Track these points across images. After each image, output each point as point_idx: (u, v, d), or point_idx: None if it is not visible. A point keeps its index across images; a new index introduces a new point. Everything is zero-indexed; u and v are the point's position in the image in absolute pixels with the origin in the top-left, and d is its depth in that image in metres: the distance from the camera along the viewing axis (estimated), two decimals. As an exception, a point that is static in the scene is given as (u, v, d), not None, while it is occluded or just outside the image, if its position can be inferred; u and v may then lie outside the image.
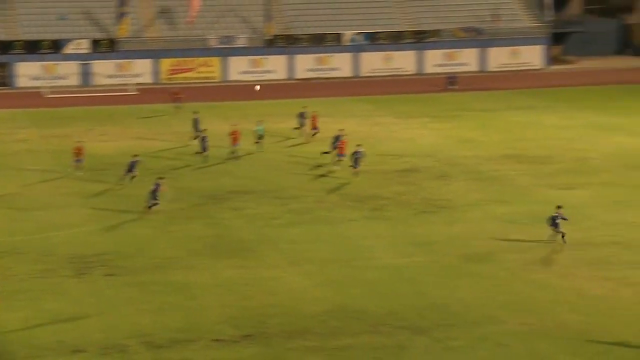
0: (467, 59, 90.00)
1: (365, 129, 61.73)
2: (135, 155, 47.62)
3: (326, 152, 51.56)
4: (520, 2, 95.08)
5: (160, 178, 42.66)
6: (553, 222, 36.31)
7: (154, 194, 41.56)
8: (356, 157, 47.82)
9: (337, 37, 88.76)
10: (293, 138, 57.99)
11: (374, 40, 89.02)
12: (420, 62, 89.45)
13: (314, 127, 57.45)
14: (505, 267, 34.31)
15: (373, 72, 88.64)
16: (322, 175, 48.83)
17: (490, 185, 46.39)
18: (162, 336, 28.23)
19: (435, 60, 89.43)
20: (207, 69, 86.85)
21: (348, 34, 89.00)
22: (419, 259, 35.46)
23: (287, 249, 37.04)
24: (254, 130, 54.69)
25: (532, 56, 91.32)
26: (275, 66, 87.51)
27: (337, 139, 50.70)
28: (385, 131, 61.19)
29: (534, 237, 37.58)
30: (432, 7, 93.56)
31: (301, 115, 58.77)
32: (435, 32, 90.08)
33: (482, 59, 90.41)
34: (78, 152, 49.51)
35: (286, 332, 28.81)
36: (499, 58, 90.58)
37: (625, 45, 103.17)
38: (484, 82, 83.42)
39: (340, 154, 49.50)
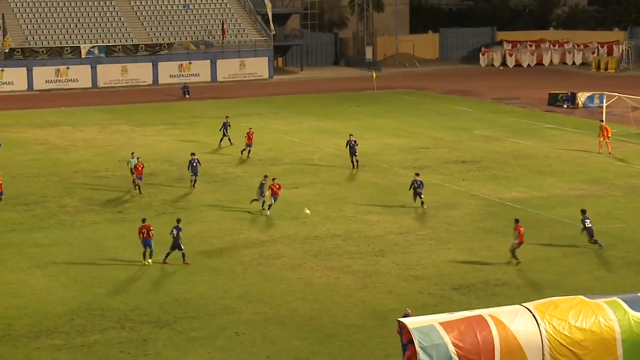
0: (198, 70, 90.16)
1: (105, 137, 60.71)
2: None
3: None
4: (246, 17, 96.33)
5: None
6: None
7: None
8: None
9: (75, 49, 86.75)
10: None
11: (110, 53, 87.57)
12: (155, 73, 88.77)
13: (249, 144, 53.30)
14: (240, 262, 34.61)
15: (110, 83, 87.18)
16: (64, 181, 47.54)
17: (224, 186, 46.66)
18: None
19: (169, 72, 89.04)
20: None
21: (85, 47, 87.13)
22: (160, 257, 35.14)
23: (31, 253, 35.76)
24: (127, 162, 46.74)
25: (259, 67, 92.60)
26: (13, 78, 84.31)
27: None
28: (124, 138, 60.33)
29: (266, 233, 38.15)
30: (165, 21, 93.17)
31: (224, 126, 56.48)
32: (169, 45, 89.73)
33: (213, 70, 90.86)
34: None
35: (33, 333, 27.86)
36: (228, 69, 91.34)
37: (340, 57, 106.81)
38: (215, 91, 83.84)
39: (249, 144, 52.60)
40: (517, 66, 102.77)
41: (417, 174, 42.43)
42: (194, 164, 45.57)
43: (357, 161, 49.83)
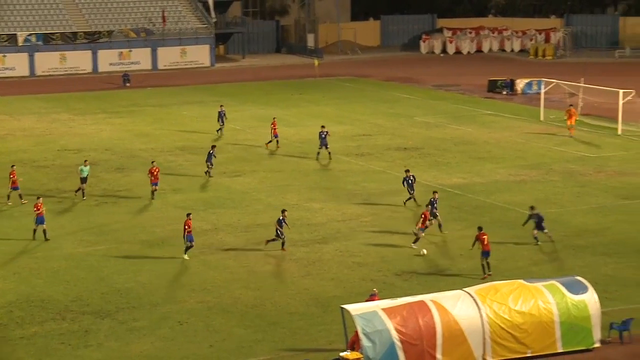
0: (139, 58, 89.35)
1: (43, 126, 59.93)
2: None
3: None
4: (186, 4, 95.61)
5: None
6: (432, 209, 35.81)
7: None
8: None
9: (11, 37, 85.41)
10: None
11: (48, 41, 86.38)
12: (94, 61, 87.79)
13: (275, 135, 52.12)
14: (182, 251, 34.37)
15: (49, 72, 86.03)
16: (1, 171, 46.85)
17: (166, 175, 46.22)
18: None
19: (109, 60, 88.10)
20: None
21: (22, 35, 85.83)
22: (101, 247, 34.87)
23: (-30, 245, 35.23)
24: (79, 170, 42.60)
25: (200, 55, 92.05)
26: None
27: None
28: (64, 127, 59.65)
29: (208, 222, 37.97)
30: (104, 9, 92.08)
31: (220, 115, 56.00)
32: (108, 33, 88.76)
33: (153, 58, 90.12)
34: None
35: (-29, 326, 27.45)
36: (169, 57, 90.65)
37: (282, 45, 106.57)
38: (156, 79, 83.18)
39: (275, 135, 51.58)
40: (457, 53, 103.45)
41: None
42: (213, 155, 45.53)
43: (329, 153, 49.35)
